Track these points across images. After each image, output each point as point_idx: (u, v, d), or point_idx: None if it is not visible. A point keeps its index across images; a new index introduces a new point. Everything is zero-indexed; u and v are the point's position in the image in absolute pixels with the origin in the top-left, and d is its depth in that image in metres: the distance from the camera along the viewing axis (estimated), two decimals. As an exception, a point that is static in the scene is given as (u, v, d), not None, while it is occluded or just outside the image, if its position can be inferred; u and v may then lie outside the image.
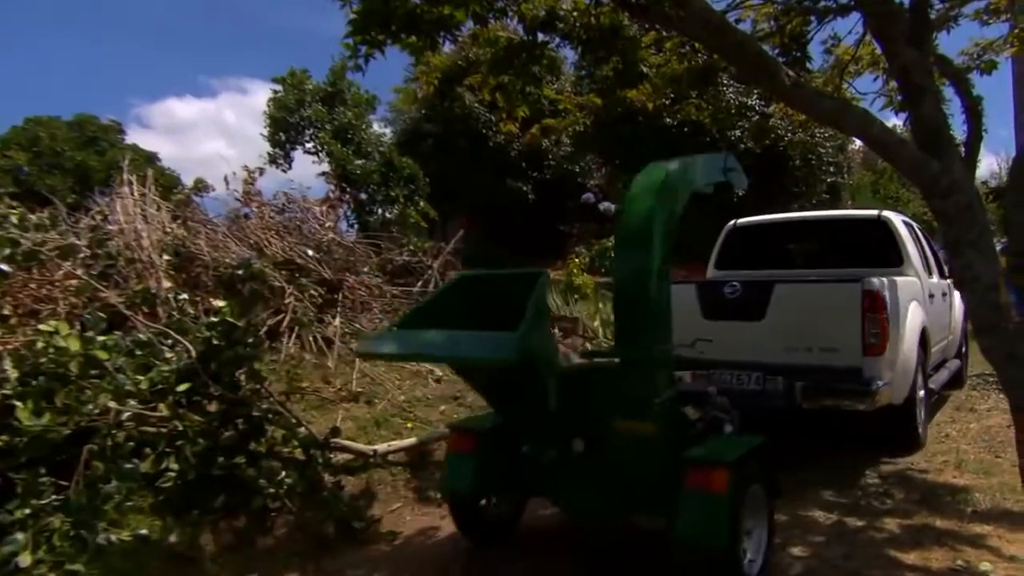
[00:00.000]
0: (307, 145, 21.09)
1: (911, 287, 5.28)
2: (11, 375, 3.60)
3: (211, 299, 5.28)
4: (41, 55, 63.40)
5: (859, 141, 5.83)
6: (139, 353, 4.18)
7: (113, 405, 3.72)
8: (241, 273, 5.68)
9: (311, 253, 6.93)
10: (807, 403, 4.55)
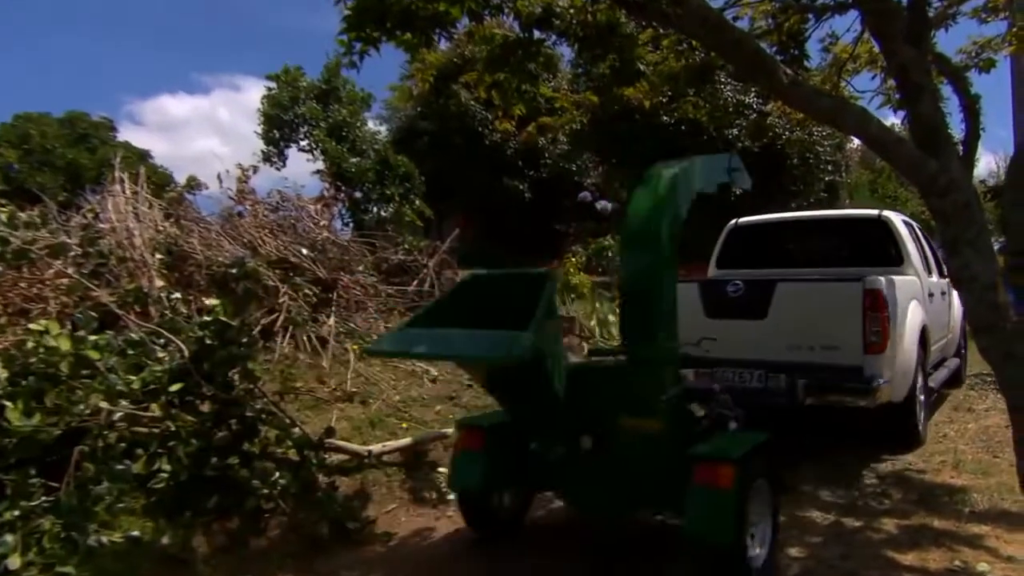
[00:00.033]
0: (301, 143, 21.08)
1: (911, 286, 5.33)
2: (1, 375, 3.58)
3: (204, 298, 5.24)
4: (31, 51, 62.85)
5: (857, 140, 5.83)
6: (131, 353, 4.16)
7: (104, 405, 3.70)
8: (235, 272, 5.66)
9: (305, 252, 6.91)
10: (809, 400, 4.60)
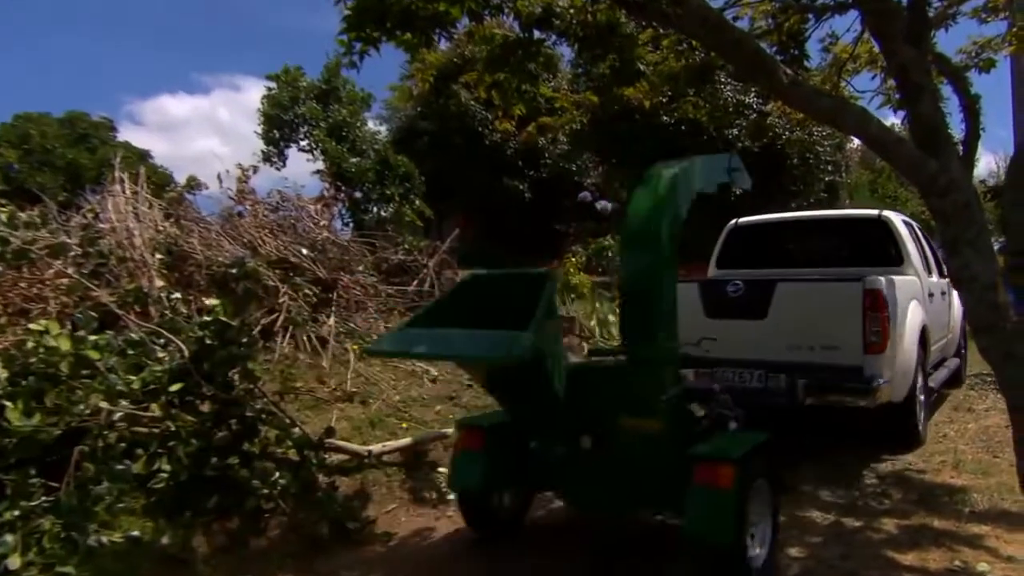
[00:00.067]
0: (301, 143, 21.07)
1: (911, 286, 5.33)
2: (1, 375, 3.57)
3: (204, 298, 5.23)
4: (31, 51, 62.67)
5: (857, 140, 5.84)
6: (131, 353, 4.15)
7: (104, 405, 3.69)
8: (235, 272, 5.65)
9: (305, 252, 6.90)
10: (809, 400, 4.61)
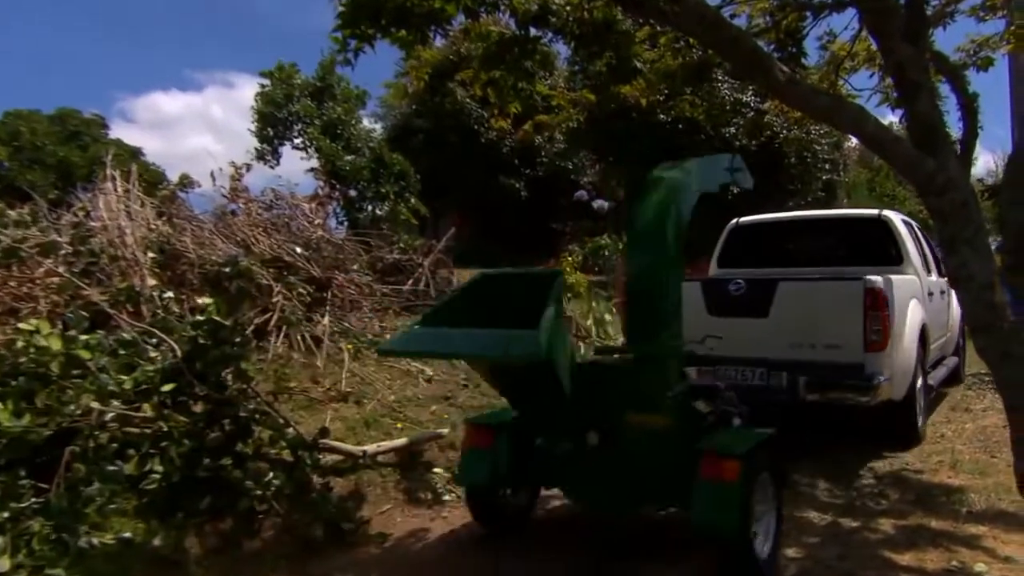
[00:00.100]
0: (295, 141, 21.04)
1: (911, 285, 5.40)
2: (-10, 375, 3.54)
3: (197, 297, 5.21)
4: (21, 47, 61.94)
5: (855, 138, 5.84)
6: (123, 352, 4.13)
7: (96, 406, 3.66)
8: (228, 271, 5.62)
9: (299, 251, 6.87)
10: (811, 397, 4.68)
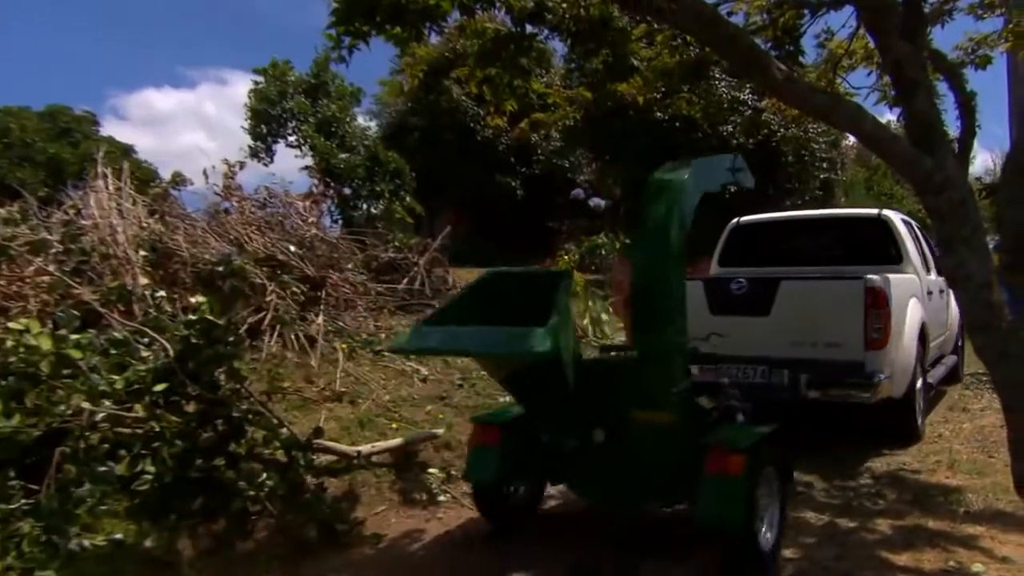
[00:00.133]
0: (290, 138, 20.84)
1: (911, 284, 5.46)
2: (-21, 375, 3.50)
3: (190, 296, 5.17)
4: (11, 43, 61.09)
5: (852, 137, 5.85)
6: (114, 352, 4.11)
7: (87, 406, 3.64)
8: (221, 269, 5.60)
9: (293, 249, 6.85)
10: (812, 394, 4.74)
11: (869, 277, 4.75)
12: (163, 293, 5.18)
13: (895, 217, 6.05)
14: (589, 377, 3.34)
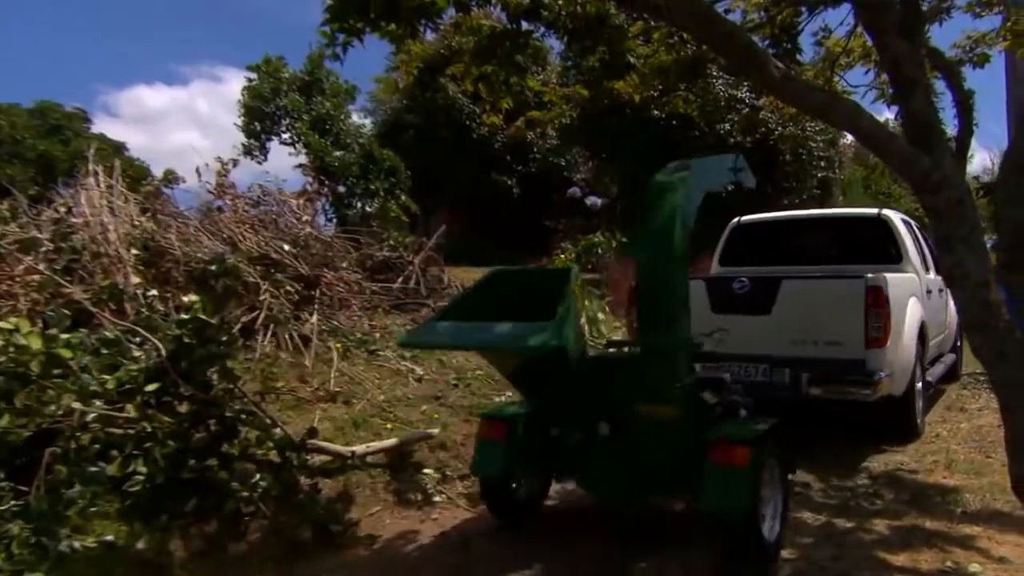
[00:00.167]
0: (283, 136, 20.69)
1: (910, 283, 5.52)
2: (-32, 375, 3.46)
3: (182, 295, 5.16)
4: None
5: (850, 135, 5.86)
6: (105, 352, 4.08)
7: (77, 406, 3.62)
8: (214, 268, 5.56)
9: (287, 248, 6.82)
10: (814, 391, 4.82)
11: (870, 276, 4.81)
12: (155, 292, 5.15)
13: (895, 217, 6.10)
14: (594, 372, 3.48)
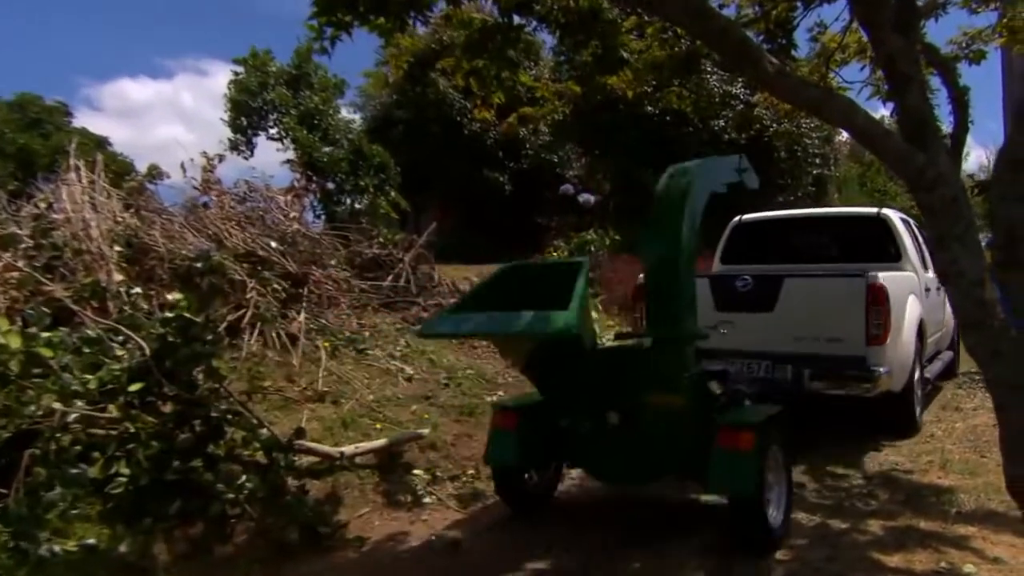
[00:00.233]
0: (271, 131, 20.46)
1: (909, 281, 5.63)
2: (-57, 375, 3.40)
3: (166, 293, 5.10)
4: (-25, 29, 59.96)
5: (845, 132, 5.87)
6: (87, 351, 4.05)
7: (58, 406, 3.58)
8: (199, 266, 5.49)
9: (274, 245, 6.75)
10: (815, 386, 4.96)
11: (870, 274, 4.91)
12: (139, 290, 5.09)
13: (894, 216, 6.21)
14: (605, 363, 3.68)
